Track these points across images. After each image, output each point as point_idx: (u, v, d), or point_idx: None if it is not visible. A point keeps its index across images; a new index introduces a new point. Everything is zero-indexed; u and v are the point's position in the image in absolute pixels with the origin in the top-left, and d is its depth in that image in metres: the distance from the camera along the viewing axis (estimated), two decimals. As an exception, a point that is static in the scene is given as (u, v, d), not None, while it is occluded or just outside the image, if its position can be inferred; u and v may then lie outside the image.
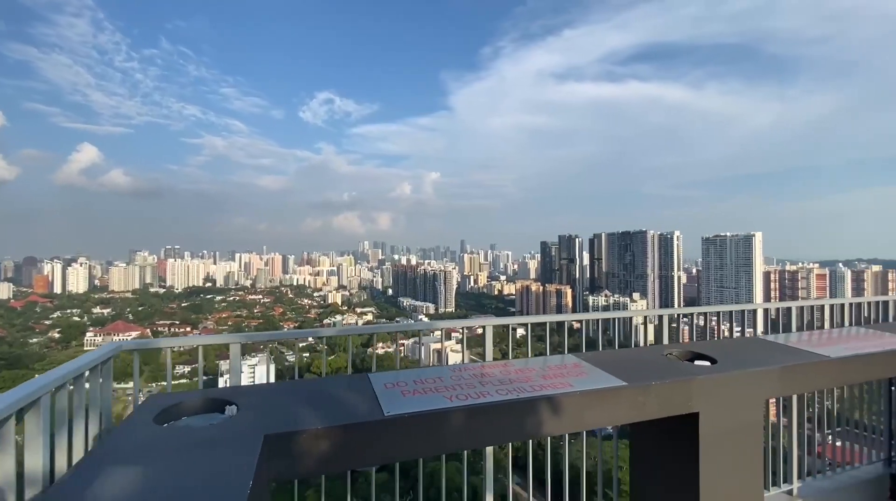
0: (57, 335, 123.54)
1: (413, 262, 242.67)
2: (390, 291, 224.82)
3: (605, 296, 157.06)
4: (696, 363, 4.36)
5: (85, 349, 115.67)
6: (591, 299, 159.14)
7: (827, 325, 7.34)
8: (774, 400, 6.36)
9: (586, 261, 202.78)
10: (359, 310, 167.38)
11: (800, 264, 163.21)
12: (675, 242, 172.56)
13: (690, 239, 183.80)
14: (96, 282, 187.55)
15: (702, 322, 6.50)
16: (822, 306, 7.50)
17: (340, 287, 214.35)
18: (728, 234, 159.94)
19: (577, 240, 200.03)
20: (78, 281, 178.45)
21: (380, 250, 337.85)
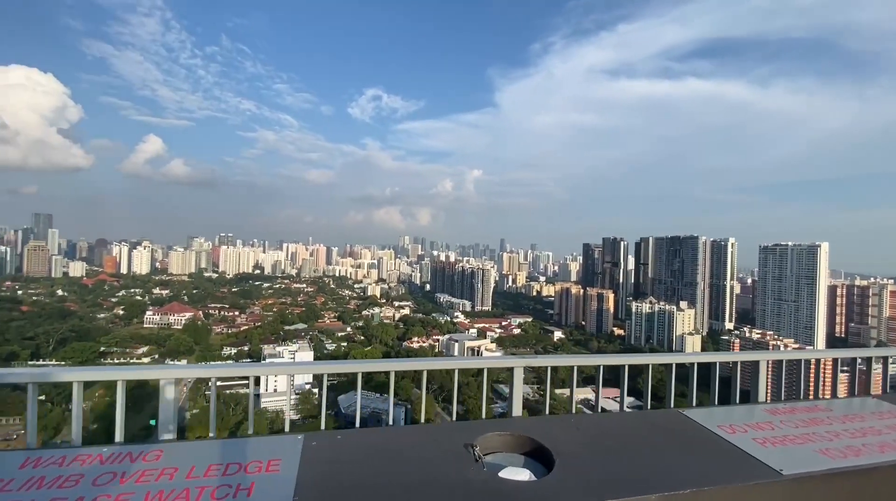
0: (121, 312, 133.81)
1: (451, 258, 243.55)
2: (428, 286, 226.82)
3: (650, 303, 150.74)
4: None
5: (145, 326, 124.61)
6: (634, 305, 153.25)
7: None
8: None
9: (631, 265, 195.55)
10: (396, 304, 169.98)
11: (872, 280, 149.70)
12: (730, 249, 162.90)
13: (746, 247, 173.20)
14: (157, 265, 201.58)
15: (756, 336, 5.85)
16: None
17: (380, 280, 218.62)
18: (790, 243, 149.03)
19: (622, 243, 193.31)
20: (141, 263, 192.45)
21: (420, 246, 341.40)
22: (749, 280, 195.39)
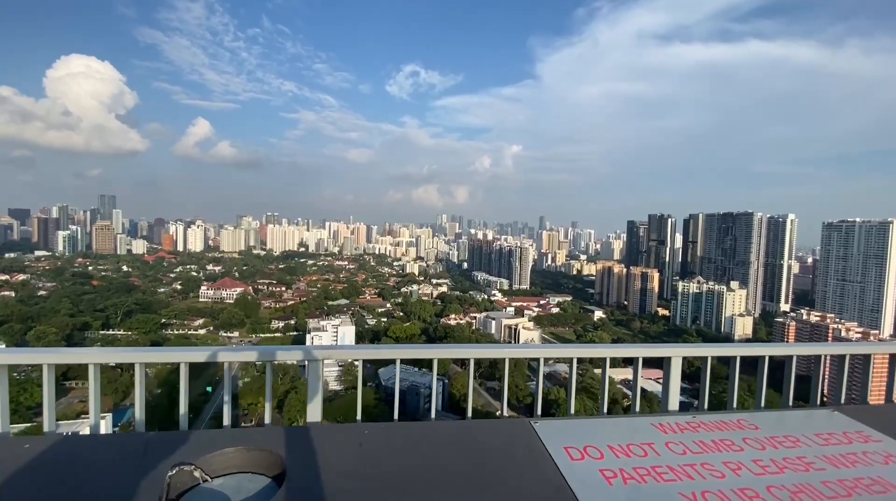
0: (179, 287, 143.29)
1: (489, 236, 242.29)
2: (465, 264, 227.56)
3: (698, 283, 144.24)
4: None
5: (200, 300, 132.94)
6: (681, 285, 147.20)
7: None
8: None
9: (679, 243, 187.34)
10: (434, 281, 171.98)
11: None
12: (788, 226, 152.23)
13: (807, 224, 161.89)
14: (210, 242, 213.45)
15: (815, 319, 5.20)
16: None
17: (418, 258, 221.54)
18: (857, 220, 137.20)
19: (669, 220, 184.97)
20: (196, 241, 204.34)
21: (457, 224, 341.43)
22: (809, 260, 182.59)
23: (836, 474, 2.71)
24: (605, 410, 4.26)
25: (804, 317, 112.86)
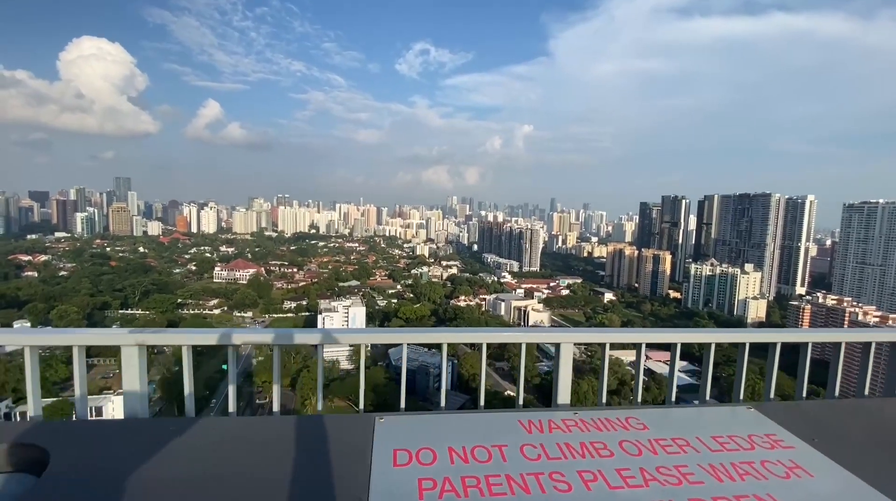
0: (193, 268, 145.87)
1: (499, 218, 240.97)
2: (475, 246, 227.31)
3: (712, 265, 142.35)
4: None
5: (214, 280, 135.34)
6: (693, 267, 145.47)
7: None
8: None
9: (692, 225, 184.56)
10: (444, 263, 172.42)
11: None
12: (807, 207, 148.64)
13: (827, 205, 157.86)
14: (223, 224, 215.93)
15: (832, 302, 4.84)
16: None
17: (428, 240, 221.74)
18: (880, 201, 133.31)
19: (683, 201, 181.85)
20: (209, 223, 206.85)
21: (467, 206, 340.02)
22: (828, 242, 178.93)
23: (713, 490, 2.37)
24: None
25: (820, 300, 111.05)
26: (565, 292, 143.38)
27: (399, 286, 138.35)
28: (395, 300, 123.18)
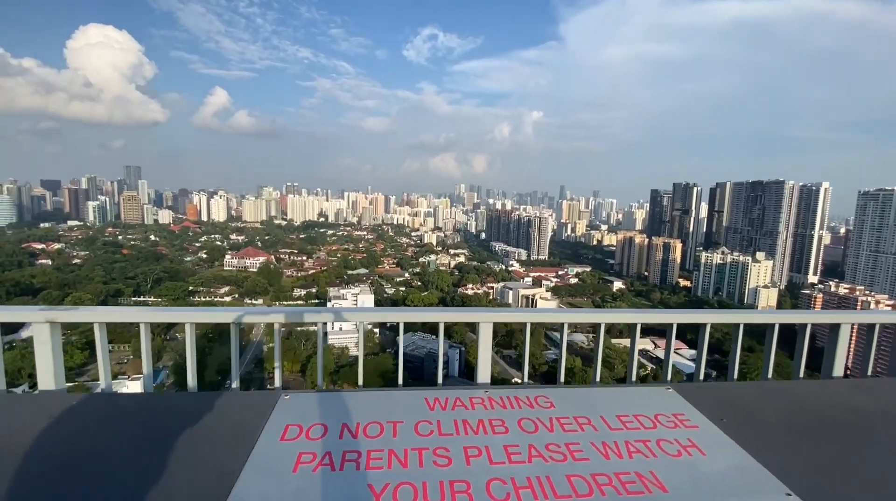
0: (204, 256, 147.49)
1: (507, 206, 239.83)
2: (483, 234, 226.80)
3: (723, 253, 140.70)
4: None
5: (225, 268, 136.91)
6: (704, 255, 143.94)
7: None
8: None
9: (704, 213, 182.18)
10: (452, 252, 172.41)
11: None
12: (822, 195, 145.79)
13: (843, 193, 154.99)
14: (233, 212, 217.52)
15: (844, 291, 4.83)
16: None
17: (436, 228, 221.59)
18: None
19: (695, 189, 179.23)
20: (219, 211, 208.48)
21: (475, 194, 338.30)
22: (842, 230, 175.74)
23: (597, 467, 2.38)
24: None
25: (832, 289, 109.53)
26: (574, 280, 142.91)
27: (407, 275, 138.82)
28: (403, 288, 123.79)
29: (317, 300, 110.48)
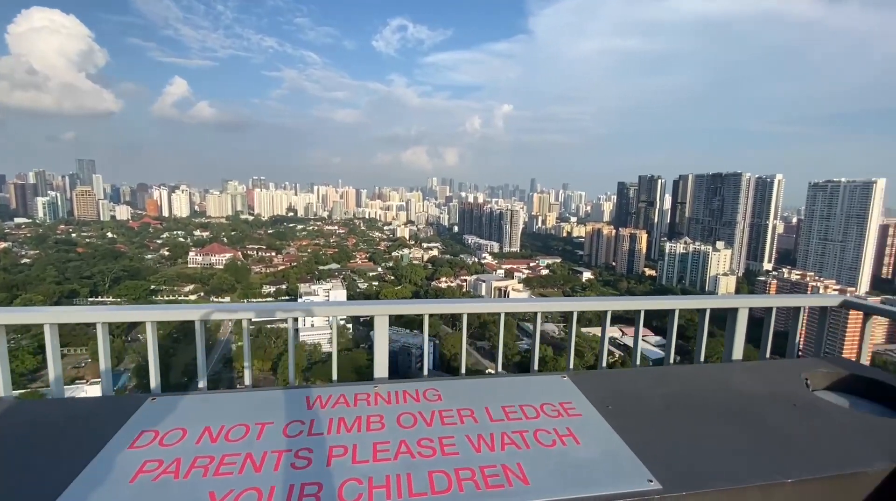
0: (166, 253, 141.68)
1: (480, 199, 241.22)
2: (456, 228, 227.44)
3: (685, 243, 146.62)
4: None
5: (189, 266, 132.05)
6: (668, 245, 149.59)
7: None
8: None
9: (668, 205, 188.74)
10: (425, 245, 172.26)
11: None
12: (776, 186, 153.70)
13: (795, 184, 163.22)
14: (196, 208, 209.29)
15: (796, 277, 5.09)
16: None
17: (409, 222, 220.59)
18: (843, 180, 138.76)
19: (659, 181, 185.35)
20: (181, 206, 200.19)
21: (447, 187, 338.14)
22: (794, 219, 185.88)
23: (465, 461, 2.26)
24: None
25: (785, 275, 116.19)
26: (545, 271, 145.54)
27: (380, 269, 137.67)
28: (377, 283, 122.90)
29: (287, 297, 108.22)
